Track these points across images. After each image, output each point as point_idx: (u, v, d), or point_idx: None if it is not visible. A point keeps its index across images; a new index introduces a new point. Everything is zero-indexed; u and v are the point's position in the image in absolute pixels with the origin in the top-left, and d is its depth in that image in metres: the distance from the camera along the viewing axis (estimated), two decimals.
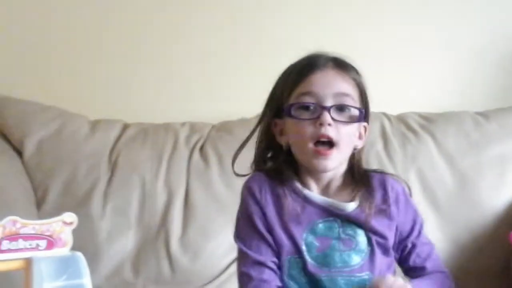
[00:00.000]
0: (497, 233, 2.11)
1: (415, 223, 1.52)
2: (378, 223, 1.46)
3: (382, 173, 1.55)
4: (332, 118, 1.41)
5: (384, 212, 1.47)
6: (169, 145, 2.31)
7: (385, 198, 1.48)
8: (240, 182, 2.18)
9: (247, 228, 1.49)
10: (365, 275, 1.44)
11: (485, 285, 2.13)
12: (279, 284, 1.43)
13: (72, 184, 2.23)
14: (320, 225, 1.45)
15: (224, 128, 2.36)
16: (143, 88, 2.57)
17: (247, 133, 2.28)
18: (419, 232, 1.52)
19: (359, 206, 1.46)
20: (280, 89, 1.49)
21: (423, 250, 1.51)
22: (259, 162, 1.55)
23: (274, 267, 1.44)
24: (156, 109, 2.54)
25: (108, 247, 2.17)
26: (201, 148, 2.31)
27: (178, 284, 2.16)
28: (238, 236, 1.52)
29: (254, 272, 1.43)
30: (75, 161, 2.26)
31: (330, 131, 1.41)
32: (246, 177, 1.57)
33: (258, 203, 1.48)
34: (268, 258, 1.45)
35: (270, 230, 1.45)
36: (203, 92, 2.56)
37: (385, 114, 2.32)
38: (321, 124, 1.41)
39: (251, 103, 2.44)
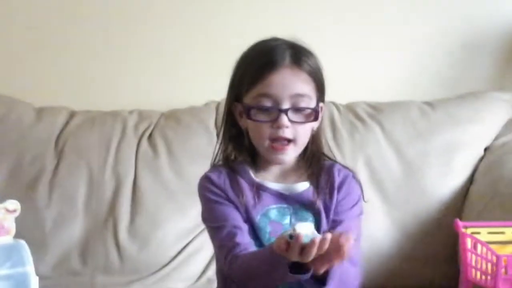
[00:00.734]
0: (443, 220, 2.14)
1: (354, 206, 1.52)
2: (326, 205, 1.48)
3: (333, 161, 1.57)
4: (289, 120, 1.45)
5: (331, 195, 1.49)
6: (117, 133, 2.29)
7: (332, 181, 1.50)
8: (189, 169, 2.19)
9: (211, 205, 1.50)
10: None
11: (431, 272, 2.16)
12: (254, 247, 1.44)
13: (17, 172, 2.20)
14: (273, 211, 1.48)
15: (173, 116, 2.35)
16: (91, 75, 2.53)
17: (195, 121, 2.29)
18: (353, 214, 1.51)
19: (310, 187, 1.49)
20: (239, 79, 1.51)
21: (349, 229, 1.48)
22: (223, 145, 1.56)
23: (245, 228, 1.46)
24: (104, 96, 2.51)
25: (55, 235, 2.15)
26: (150, 136, 2.29)
27: (126, 272, 2.14)
28: (205, 217, 1.53)
29: (228, 241, 1.43)
30: (20, 149, 2.23)
31: (287, 133, 1.46)
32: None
33: (218, 187, 1.50)
34: (238, 221, 1.46)
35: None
36: (152, 80, 2.54)
37: (334, 103, 2.33)
38: (279, 127, 1.45)
39: (200, 91, 2.46)
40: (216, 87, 2.38)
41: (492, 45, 2.55)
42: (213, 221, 1.49)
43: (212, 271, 2.13)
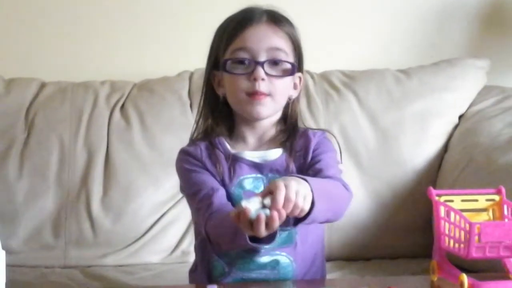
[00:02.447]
0: (418, 189, 2.14)
1: (331, 151, 1.52)
2: (300, 169, 1.47)
3: (313, 129, 1.57)
4: (266, 73, 1.45)
5: (305, 156, 1.49)
6: (88, 104, 2.26)
7: (307, 144, 1.50)
8: (162, 140, 2.17)
9: (188, 174, 1.50)
10: (289, 229, 1.46)
11: (407, 240, 2.17)
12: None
13: None
14: (248, 180, 1.48)
15: (145, 86, 2.32)
16: (61, 45, 2.49)
17: (169, 92, 2.27)
18: (331, 155, 1.51)
19: (283, 154, 1.49)
20: (217, 44, 1.52)
21: (328, 167, 1.48)
22: (203, 116, 1.56)
23: (223, 191, 1.46)
24: (75, 67, 2.47)
25: (27, 209, 2.12)
26: (122, 107, 2.26)
27: (100, 245, 2.13)
28: (182, 186, 1.53)
29: (205, 202, 1.43)
30: None
31: (263, 86, 1.45)
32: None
33: (195, 158, 1.50)
34: (216, 185, 1.46)
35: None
36: (124, 50, 2.51)
37: (308, 72, 2.32)
38: (255, 79, 1.45)
39: (173, 61, 2.44)
40: (189, 57, 2.40)
41: (467, 11, 2.54)
42: (190, 187, 1.49)
43: (186, 244, 2.13)
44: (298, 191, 1.25)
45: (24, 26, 2.48)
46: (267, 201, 1.24)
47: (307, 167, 1.47)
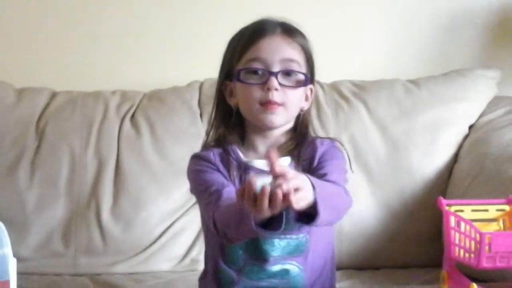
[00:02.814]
0: (428, 199, 2.14)
1: (337, 160, 1.51)
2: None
3: (322, 137, 1.58)
4: (279, 83, 1.47)
5: (311, 163, 1.49)
6: (99, 113, 2.26)
7: (313, 151, 1.50)
8: (172, 150, 2.18)
9: (199, 174, 1.50)
10: (302, 236, 1.47)
11: (416, 250, 2.16)
12: None
13: None
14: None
15: (156, 96, 2.32)
16: (72, 55, 2.50)
17: (179, 102, 2.28)
18: (336, 163, 1.50)
19: (291, 162, 1.50)
20: (230, 54, 1.53)
21: (331, 172, 1.47)
22: (215, 126, 1.57)
23: (233, 188, 1.45)
24: (86, 77, 2.48)
25: (37, 217, 2.13)
26: (132, 117, 2.27)
27: (109, 254, 2.13)
28: (193, 186, 1.53)
29: (214, 196, 1.43)
30: (1, 130, 2.19)
31: (277, 96, 1.46)
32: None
33: (208, 161, 1.51)
34: (226, 182, 1.47)
35: None
36: (135, 60, 2.52)
37: (318, 82, 2.31)
38: (269, 89, 1.46)
39: (184, 71, 2.45)
40: (199, 67, 2.41)
41: (478, 22, 2.54)
42: (201, 185, 1.49)
43: (196, 252, 2.13)
44: (305, 187, 1.25)
45: (35, 36, 2.50)
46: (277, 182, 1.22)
47: (311, 173, 1.46)
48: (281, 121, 1.50)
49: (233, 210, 1.33)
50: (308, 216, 1.29)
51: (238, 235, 1.37)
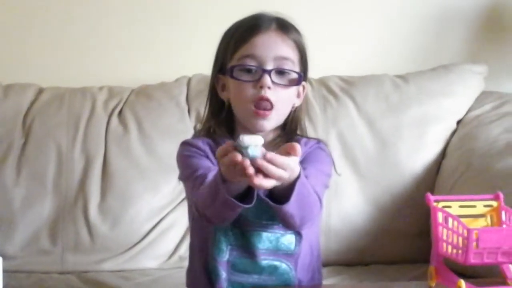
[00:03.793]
0: (416, 195, 2.14)
1: (320, 163, 1.50)
2: None
3: (308, 137, 1.57)
4: (272, 81, 1.45)
5: None
6: (86, 109, 2.25)
7: None
8: (160, 146, 2.17)
9: (187, 159, 1.49)
10: (290, 234, 1.47)
11: (405, 246, 2.17)
12: None
13: None
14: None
15: (143, 92, 2.31)
16: (59, 51, 2.49)
17: (167, 98, 2.27)
18: (318, 166, 1.48)
19: None
20: (224, 48, 1.52)
21: (310, 177, 1.43)
22: (206, 119, 1.57)
23: None
24: (73, 72, 2.47)
25: (24, 215, 2.11)
26: (120, 113, 2.26)
27: (97, 251, 2.12)
28: (181, 171, 1.52)
29: (199, 180, 1.42)
30: None
31: (270, 94, 1.45)
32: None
33: (198, 148, 1.50)
34: (213, 167, 1.44)
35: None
36: (122, 55, 2.50)
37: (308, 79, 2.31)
38: (261, 87, 1.45)
39: (172, 67, 2.44)
40: (187, 63, 2.40)
41: (465, 17, 2.54)
42: (188, 169, 1.48)
43: (184, 249, 2.12)
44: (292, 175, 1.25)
45: (21, 32, 2.48)
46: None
47: None
48: (272, 125, 1.49)
49: (209, 185, 1.32)
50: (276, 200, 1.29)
51: (215, 211, 1.34)
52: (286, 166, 1.23)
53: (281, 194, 1.30)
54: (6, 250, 2.05)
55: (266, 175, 1.21)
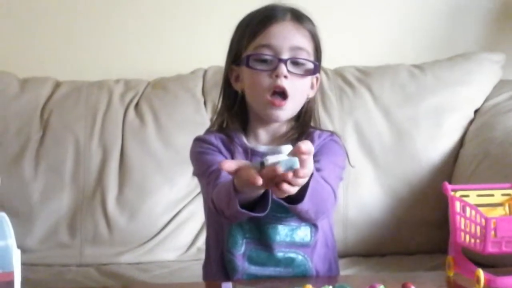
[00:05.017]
0: (433, 184, 2.13)
1: (333, 155, 1.50)
2: None
3: (322, 130, 1.56)
4: (288, 71, 1.45)
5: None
6: (103, 102, 2.26)
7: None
8: (176, 138, 2.17)
9: (201, 156, 1.50)
10: (304, 225, 1.47)
11: (422, 236, 2.16)
12: None
13: (2, 145, 2.17)
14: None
15: (159, 84, 2.32)
16: (76, 45, 2.50)
17: (183, 90, 2.27)
18: (331, 159, 1.48)
19: None
20: (238, 39, 1.52)
21: (324, 169, 1.43)
22: (220, 111, 1.57)
23: None
24: (89, 66, 2.48)
25: (42, 208, 2.13)
26: (136, 106, 2.26)
27: (115, 243, 2.13)
28: (195, 168, 1.53)
29: (214, 175, 1.43)
30: (5, 120, 2.19)
31: (285, 83, 1.45)
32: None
33: (211, 144, 1.50)
34: None
35: None
36: (138, 48, 2.51)
37: (322, 68, 2.30)
38: (277, 76, 1.45)
39: (187, 59, 2.44)
40: (202, 55, 2.40)
41: (482, 5, 2.53)
42: (202, 166, 1.49)
43: (202, 241, 2.12)
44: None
45: (38, 26, 2.49)
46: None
47: None
48: (288, 115, 1.49)
49: (225, 191, 1.32)
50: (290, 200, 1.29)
51: (230, 214, 1.36)
52: (309, 172, 1.22)
53: (295, 193, 1.30)
54: (25, 244, 2.07)
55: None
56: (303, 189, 1.26)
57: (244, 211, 1.29)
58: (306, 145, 1.18)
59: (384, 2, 2.53)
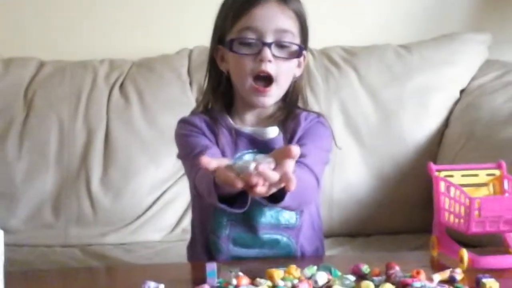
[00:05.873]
0: (418, 164, 2.13)
1: (320, 138, 1.48)
2: None
3: (308, 111, 1.55)
4: (273, 55, 1.44)
5: (291, 140, 1.47)
6: (87, 83, 2.24)
7: (295, 128, 1.48)
8: (161, 119, 2.16)
9: (185, 139, 1.49)
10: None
11: (407, 216, 2.17)
12: None
13: None
14: (248, 155, 1.45)
15: (144, 64, 2.31)
16: (59, 24, 2.48)
17: (168, 70, 2.26)
18: (317, 144, 1.47)
19: (280, 133, 1.47)
20: (222, 19, 1.50)
21: (309, 154, 1.41)
22: (205, 92, 1.55)
23: (218, 151, 1.44)
24: (74, 45, 2.46)
25: (26, 188, 2.12)
26: (121, 86, 2.25)
27: (100, 224, 2.13)
28: (180, 150, 1.51)
29: (197, 158, 1.39)
30: None
31: (270, 67, 1.43)
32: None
33: (195, 126, 1.49)
34: (210, 145, 1.45)
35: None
36: (123, 28, 2.49)
37: (308, 48, 2.29)
38: (261, 60, 1.43)
39: (172, 39, 2.42)
40: (188, 35, 2.39)
41: None
42: (186, 148, 1.48)
43: (187, 222, 2.12)
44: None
45: (22, 5, 2.46)
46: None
47: None
48: (273, 100, 1.48)
49: (205, 182, 1.30)
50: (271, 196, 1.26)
51: (213, 203, 1.33)
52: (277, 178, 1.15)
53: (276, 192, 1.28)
54: (9, 224, 2.06)
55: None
56: (283, 189, 1.24)
57: (223, 206, 1.28)
58: (294, 151, 1.14)
59: None
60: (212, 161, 1.17)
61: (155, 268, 1.51)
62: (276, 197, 1.24)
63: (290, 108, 1.52)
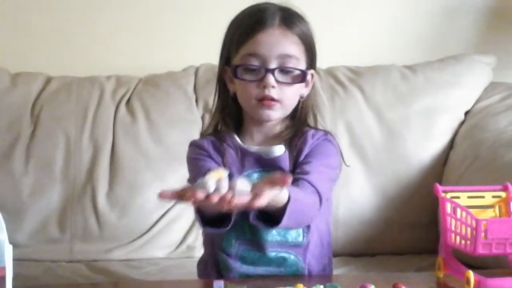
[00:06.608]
0: (424, 185, 2.14)
1: (326, 157, 1.49)
2: (291, 171, 1.47)
3: (316, 129, 1.55)
4: (276, 80, 1.45)
5: (298, 157, 1.48)
6: (94, 98, 2.25)
7: (302, 145, 1.48)
8: (167, 135, 2.17)
9: (193, 162, 1.51)
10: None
11: (412, 236, 2.17)
12: None
13: None
14: (256, 175, 1.47)
15: (151, 81, 2.32)
16: (67, 40, 2.49)
17: (174, 87, 2.27)
18: (323, 162, 1.48)
19: (286, 152, 1.48)
20: (228, 42, 1.52)
21: (313, 172, 1.44)
22: (214, 112, 1.57)
23: None
24: (81, 61, 2.47)
25: (32, 203, 2.13)
26: (128, 102, 2.26)
27: (105, 240, 2.13)
28: (189, 176, 1.53)
29: None
30: None
31: (274, 93, 1.45)
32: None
33: (202, 148, 1.51)
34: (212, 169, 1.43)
35: None
36: (130, 45, 2.50)
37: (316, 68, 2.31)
38: (265, 86, 1.45)
39: (179, 56, 2.44)
40: (194, 52, 2.40)
41: (473, 7, 2.53)
42: (193, 173, 1.50)
43: (192, 239, 2.14)
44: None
45: (30, 21, 2.48)
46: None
47: (297, 166, 1.46)
48: (278, 115, 1.49)
49: (194, 206, 1.33)
50: (269, 216, 1.30)
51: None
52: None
53: (274, 213, 1.30)
54: (15, 239, 2.06)
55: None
56: (281, 212, 1.26)
57: (207, 229, 1.33)
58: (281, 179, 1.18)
59: (376, 3, 2.53)
60: (167, 193, 1.20)
61: (163, 284, 1.52)
62: (273, 219, 1.26)
63: (298, 127, 1.53)
